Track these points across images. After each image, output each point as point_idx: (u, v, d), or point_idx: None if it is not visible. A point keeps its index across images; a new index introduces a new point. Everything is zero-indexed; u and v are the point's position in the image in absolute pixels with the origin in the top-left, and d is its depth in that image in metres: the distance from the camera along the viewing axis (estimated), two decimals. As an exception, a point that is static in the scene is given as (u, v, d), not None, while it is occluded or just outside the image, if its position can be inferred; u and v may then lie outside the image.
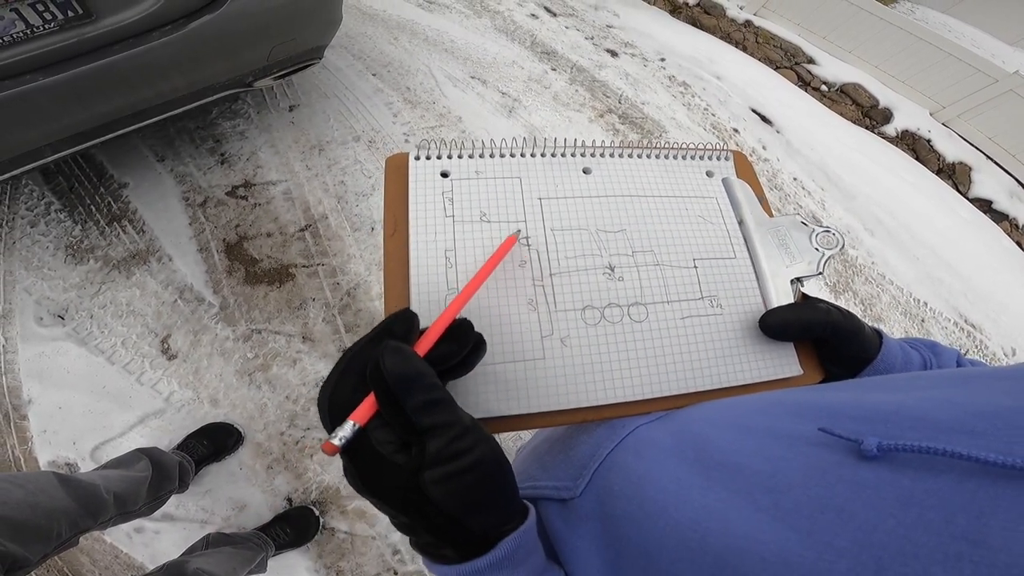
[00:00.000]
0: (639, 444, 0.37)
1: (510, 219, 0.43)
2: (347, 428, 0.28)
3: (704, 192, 0.48)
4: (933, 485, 0.22)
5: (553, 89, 2.82)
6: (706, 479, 0.30)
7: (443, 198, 0.43)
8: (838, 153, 3.05)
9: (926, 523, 0.20)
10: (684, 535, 0.28)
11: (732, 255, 0.45)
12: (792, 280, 0.44)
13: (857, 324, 0.41)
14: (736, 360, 0.42)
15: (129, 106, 1.48)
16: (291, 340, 1.71)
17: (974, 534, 0.19)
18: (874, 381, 0.36)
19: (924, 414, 0.26)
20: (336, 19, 1.82)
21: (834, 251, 0.45)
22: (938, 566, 0.19)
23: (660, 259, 0.44)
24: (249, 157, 2.08)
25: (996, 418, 0.23)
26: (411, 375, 0.28)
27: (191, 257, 1.82)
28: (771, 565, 0.23)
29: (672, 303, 0.42)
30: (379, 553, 1.46)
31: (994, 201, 3.15)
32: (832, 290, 2.36)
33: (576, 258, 0.43)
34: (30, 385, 1.55)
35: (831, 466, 0.26)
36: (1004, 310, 2.56)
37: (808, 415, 0.31)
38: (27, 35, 1.19)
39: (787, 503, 0.25)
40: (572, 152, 0.48)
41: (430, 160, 0.45)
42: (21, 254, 1.76)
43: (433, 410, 0.28)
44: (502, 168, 0.46)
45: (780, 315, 0.41)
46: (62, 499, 0.93)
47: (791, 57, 3.76)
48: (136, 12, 1.30)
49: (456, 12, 3.16)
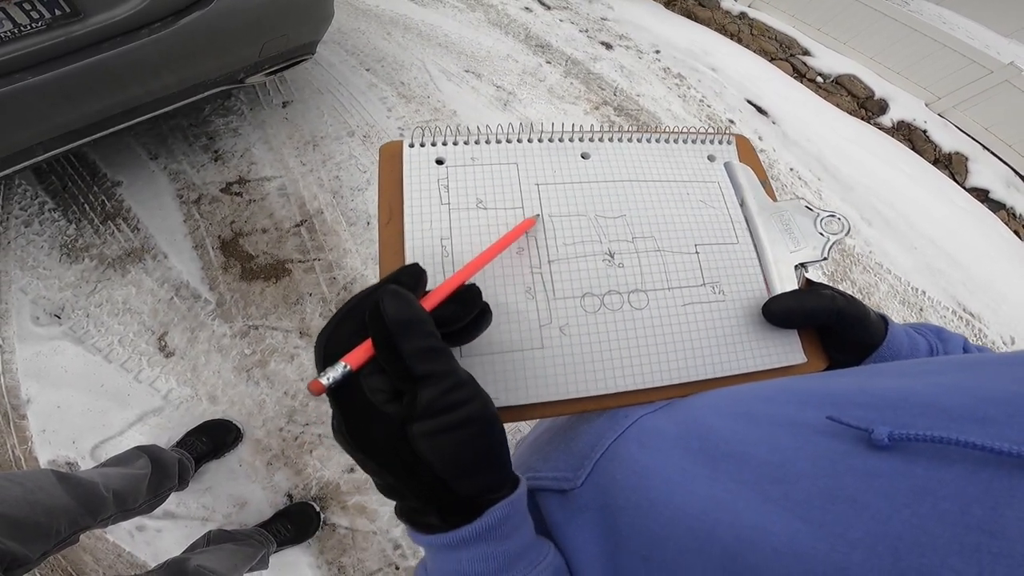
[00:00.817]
0: (642, 434, 0.37)
1: (507, 206, 0.42)
2: (338, 369, 0.27)
3: (706, 176, 0.47)
4: (947, 475, 0.21)
5: (548, 82, 2.81)
6: (712, 469, 0.30)
7: (438, 185, 0.42)
8: (834, 144, 3.04)
9: (941, 513, 0.20)
10: (691, 525, 0.28)
11: (735, 240, 0.44)
12: (796, 266, 0.43)
13: (862, 310, 0.40)
14: (739, 348, 0.41)
15: (120, 104, 1.47)
16: (288, 335, 1.71)
17: (990, 525, 0.19)
18: (879, 367, 0.35)
19: (933, 400, 0.25)
20: (328, 14, 1.81)
21: (840, 236, 0.44)
22: (955, 557, 0.19)
23: (661, 245, 0.43)
24: (243, 154, 2.07)
25: (1007, 405, 0.23)
26: (411, 320, 0.27)
27: (186, 254, 1.82)
28: (783, 556, 0.23)
29: (673, 290, 0.42)
30: (380, 548, 1.46)
31: (991, 191, 3.15)
32: (830, 279, 2.36)
33: (575, 244, 0.42)
34: (28, 385, 1.55)
35: (841, 456, 0.25)
36: (1003, 299, 2.57)
37: (814, 403, 0.30)
38: (14, 34, 1.18)
39: (797, 494, 0.25)
40: (570, 137, 0.47)
41: (424, 147, 0.44)
42: (16, 254, 1.75)
43: (430, 357, 0.27)
44: (498, 154, 0.45)
45: (783, 302, 0.41)
46: (61, 497, 0.93)
47: (786, 49, 3.74)
48: (124, 10, 1.29)
49: (449, 6, 3.15)
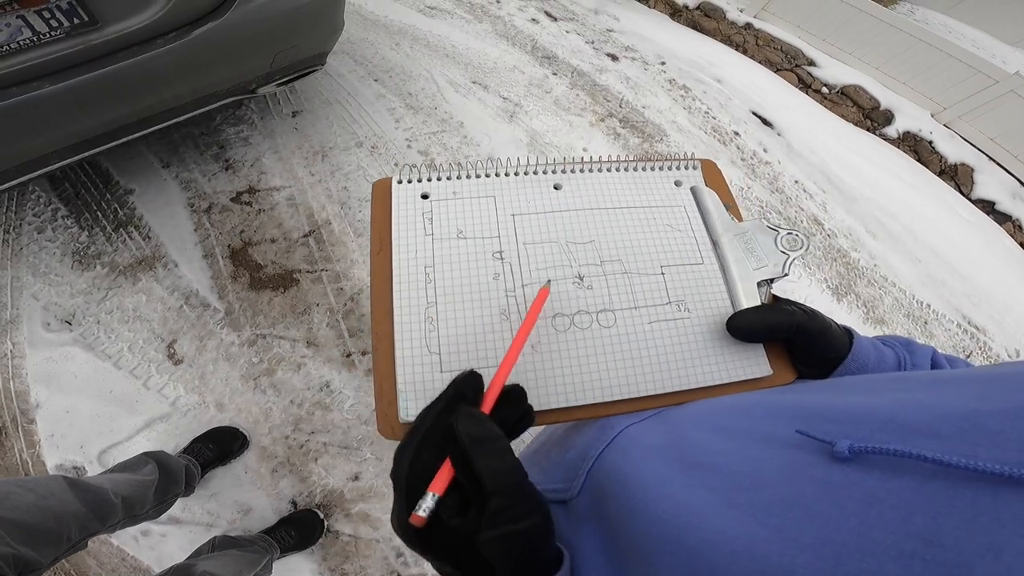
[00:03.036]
0: (627, 444, 0.39)
1: (485, 235, 0.46)
2: (428, 499, 0.30)
3: (672, 201, 0.50)
4: (896, 485, 0.22)
5: (554, 94, 2.84)
6: (688, 477, 0.32)
7: (423, 218, 0.46)
8: (839, 155, 3.05)
9: (885, 522, 0.21)
10: (664, 531, 0.30)
11: (700, 261, 0.47)
12: (760, 283, 0.45)
13: (823, 323, 0.41)
14: (705, 361, 0.43)
15: (134, 113, 1.49)
16: (296, 345, 1.72)
17: (928, 534, 0.20)
18: (851, 383, 0.37)
19: (893, 416, 0.27)
20: (338, 25, 1.84)
21: (799, 253, 0.46)
22: (892, 563, 0.20)
23: (628, 267, 0.46)
24: (253, 163, 2.10)
25: (963, 420, 0.24)
26: (484, 438, 0.30)
27: (196, 263, 1.84)
28: (739, 558, 0.24)
29: (640, 308, 0.44)
30: (383, 556, 1.47)
31: (997, 202, 3.15)
32: (835, 293, 2.36)
33: (546, 269, 0.45)
34: (38, 390, 1.57)
35: (804, 467, 0.27)
36: (1008, 311, 2.56)
37: (786, 417, 0.32)
38: (34, 42, 1.20)
39: (760, 501, 0.27)
40: (544, 170, 0.51)
41: (411, 183, 0.48)
42: (28, 260, 1.78)
43: (502, 473, 0.29)
44: (477, 188, 0.49)
45: (745, 318, 0.42)
46: (72, 503, 0.94)
47: (791, 59, 3.76)
48: (141, 19, 1.32)
49: (457, 17, 3.19)
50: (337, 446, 1.58)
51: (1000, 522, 0.19)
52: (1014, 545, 0.18)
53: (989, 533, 0.18)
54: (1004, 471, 0.19)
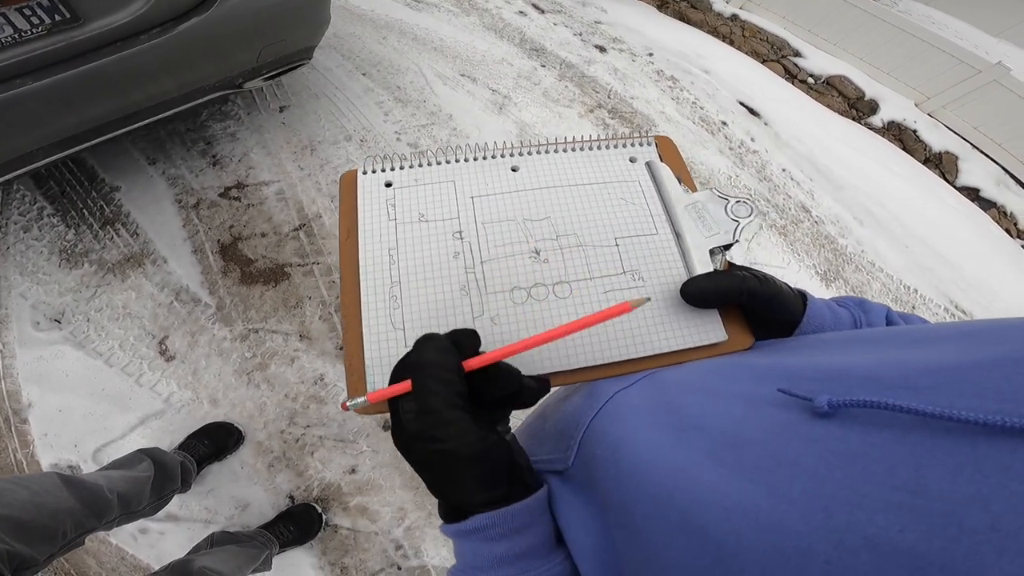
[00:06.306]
0: (617, 409, 0.40)
1: (445, 217, 0.48)
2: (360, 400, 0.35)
3: (626, 176, 0.52)
4: (878, 439, 0.23)
5: (543, 85, 2.84)
6: (676, 439, 0.32)
7: (387, 205, 0.49)
8: (826, 144, 3.08)
9: (870, 475, 0.22)
10: (654, 492, 0.30)
11: (654, 231, 0.48)
12: (714, 250, 0.46)
13: (774, 288, 0.42)
14: (661, 329, 0.44)
15: (119, 109, 1.48)
16: (288, 339, 1.72)
17: (913, 485, 0.20)
18: (831, 343, 0.37)
19: (871, 373, 0.28)
20: (324, 20, 1.83)
21: (749, 219, 0.47)
22: (880, 514, 0.20)
23: (582, 240, 0.47)
24: (241, 158, 2.09)
25: (939, 374, 0.24)
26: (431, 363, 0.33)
27: (186, 259, 1.83)
28: (732, 515, 0.25)
29: (595, 279, 0.46)
30: (382, 548, 1.47)
31: (981, 189, 3.20)
32: (823, 278, 2.39)
33: (504, 246, 0.47)
34: (29, 389, 1.55)
35: (788, 424, 0.28)
36: (994, 296, 2.61)
37: (769, 378, 0.33)
38: (15, 39, 1.19)
39: (748, 459, 0.27)
40: (502, 153, 0.52)
41: (376, 173, 0.51)
42: (15, 259, 1.76)
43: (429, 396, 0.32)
44: (438, 174, 0.51)
45: (697, 284, 0.43)
46: (66, 499, 0.94)
47: (777, 50, 3.79)
48: (124, 15, 1.30)
49: (444, 11, 3.17)
50: (333, 439, 1.58)
51: (983, 472, 0.19)
52: (999, 495, 0.18)
53: (973, 483, 0.19)
54: (981, 419, 0.20)
